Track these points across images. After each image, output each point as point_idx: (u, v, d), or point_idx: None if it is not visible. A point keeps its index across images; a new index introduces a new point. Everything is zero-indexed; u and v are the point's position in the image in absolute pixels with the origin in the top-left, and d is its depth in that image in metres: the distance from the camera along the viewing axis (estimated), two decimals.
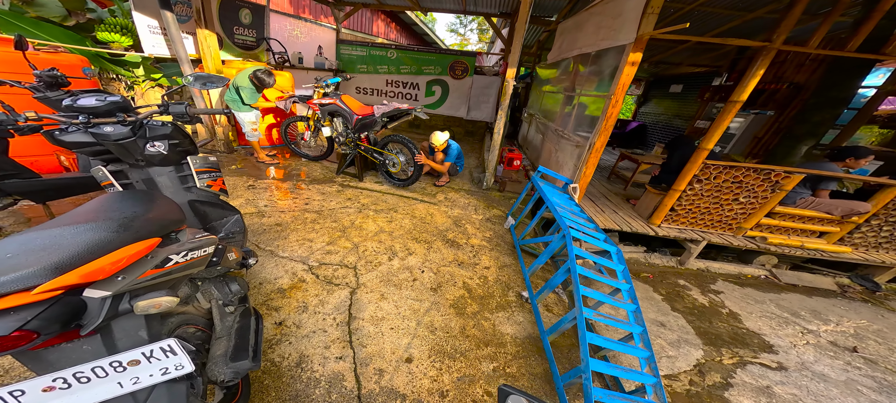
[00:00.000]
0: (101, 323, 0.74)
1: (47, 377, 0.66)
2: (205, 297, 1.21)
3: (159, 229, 0.94)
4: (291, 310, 1.86)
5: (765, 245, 3.35)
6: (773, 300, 3.03)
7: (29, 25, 3.06)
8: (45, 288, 0.63)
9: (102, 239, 0.76)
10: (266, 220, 2.77)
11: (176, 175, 1.41)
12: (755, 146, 5.21)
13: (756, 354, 2.27)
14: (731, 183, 3.02)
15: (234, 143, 4.29)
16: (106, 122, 1.15)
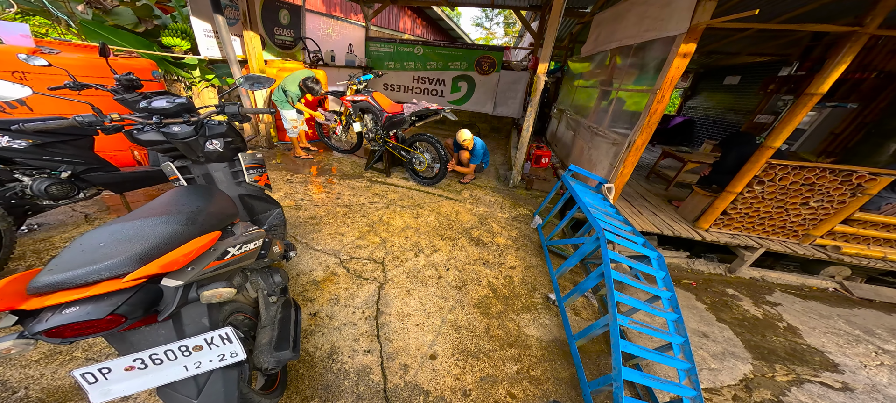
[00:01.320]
0: (174, 310, 0.84)
1: (129, 357, 0.77)
2: (252, 287, 1.33)
3: (219, 223, 1.05)
4: (324, 302, 1.98)
5: (837, 256, 2.99)
6: (842, 315, 2.72)
7: (108, 33, 3.51)
8: (133, 277, 0.72)
9: (175, 232, 0.87)
10: (302, 213, 2.96)
11: (229, 171, 1.57)
12: (831, 144, 4.62)
13: (817, 372, 2.08)
14: (800, 185, 2.72)
15: (274, 139, 4.63)
16: (174, 122, 1.31)
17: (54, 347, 1.50)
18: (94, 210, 2.62)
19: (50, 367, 1.42)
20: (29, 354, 1.47)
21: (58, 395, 1.32)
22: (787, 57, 5.39)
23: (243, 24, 3.81)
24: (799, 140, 5.13)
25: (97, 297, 0.70)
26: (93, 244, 0.78)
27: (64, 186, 1.94)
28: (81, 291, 0.68)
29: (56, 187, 1.90)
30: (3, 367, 1.40)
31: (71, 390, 1.35)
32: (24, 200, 1.87)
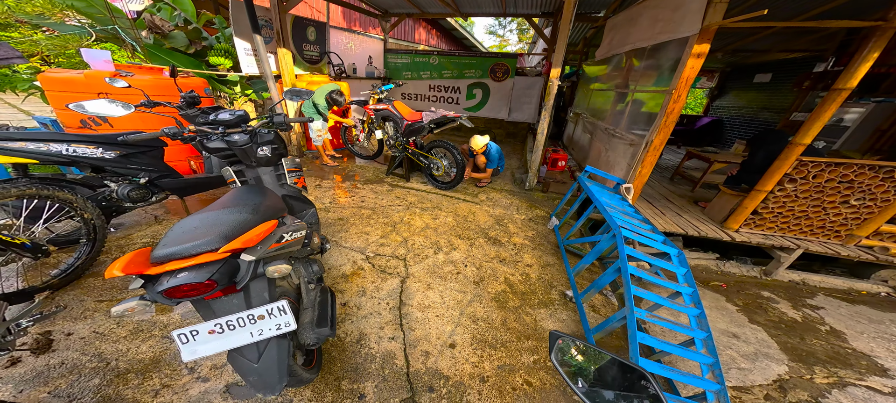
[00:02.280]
0: (247, 282, 1.03)
1: (211, 322, 0.98)
2: (295, 274, 1.52)
3: (274, 214, 1.27)
4: (353, 294, 2.15)
5: (886, 257, 2.81)
6: (895, 320, 2.54)
7: (166, 55, 4.01)
8: (225, 250, 0.93)
9: (245, 219, 1.09)
10: (330, 215, 3.20)
11: (274, 174, 1.82)
12: (878, 140, 4.38)
13: (862, 376, 1.97)
14: (837, 183, 2.62)
15: (303, 147, 5.01)
16: (235, 131, 1.56)
17: (137, 326, 1.78)
18: (160, 213, 2.98)
19: (133, 343, 1.68)
20: (122, 331, 1.75)
21: (140, 367, 1.57)
22: (821, 53, 5.20)
23: (277, 42, 4.19)
24: (842, 138, 4.87)
25: (199, 265, 0.90)
26: (189, 228, 0.99)
27: (141, 190, 2.29)
28: (188, 261, 0.89)
29: (136, 192, 2.25)
30: (100, 343, 1.67)
31: (149, 362, 1.59)
32: (112, 202, 2.22)
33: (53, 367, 1.52)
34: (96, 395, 1.42)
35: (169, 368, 1.56)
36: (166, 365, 1.57)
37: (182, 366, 1.57)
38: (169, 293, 0.87)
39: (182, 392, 1.46)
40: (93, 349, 1.63)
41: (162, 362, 1.59)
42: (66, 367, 1.53)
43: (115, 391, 1.45)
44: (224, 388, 1.48)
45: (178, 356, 1.61)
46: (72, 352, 1.60)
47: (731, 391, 1.77)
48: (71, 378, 1.48)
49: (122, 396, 1.43)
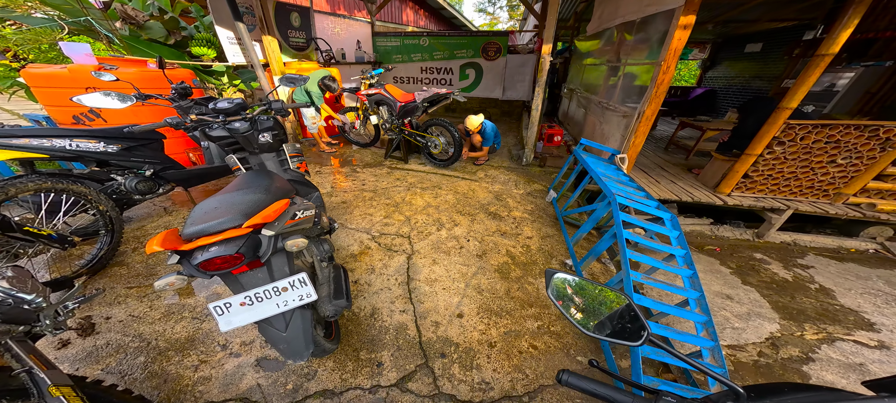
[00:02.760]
0: (269, 256, 1.11)
1: (241, 295, 1.07)
2: (308, 254, 1.61)
3: (285, 194, 1.35)
4: (362, 272, 2.26)
5: (873, 213, 2.94)
6: (882, 276, 2.70)
7: (145, 46, 3.92)
8: (249, 224, 1.02)
9: (260, 199, 1.16)
10: (333, 199, 3.29)
11: (277, 160, 1.89)
12: (867, 103, 4.50)
13: (850, 331, 2.09)
14: (824, 143, 2.72)
15: (299, 136, 5.01)
16: (235, 119, 1.61)
17: (169, 309, 1.91)
18: (168, 204, 3.07)
19: (168, 325, 1.81)
20: (155, 314, 1.88)
21: (177, 345, 1.70)
22: (810, 21, 5.24)
23: (260, 29, 4.12)
24: (832, 102, 4.98)
25: (226, 240, 0.99)
26: (210, 209, 1.06)
27: (148, 182, 2.38)
28: (215, 237, 0.98)
29: (143, 184, 2.34)
30: (138, 325, 1.80)
31: (186, 341, 1.72)
32: (122, 195, 2.30)
33: (101, 347, 1.65)
34: (144, 371, 1.56)
35: (203, 346, 1.68)
36: (200, 343, 1.69)
37: (215, 344, 1.69)
38: (203, 265, 0.96)
39: (218, 367, 1.58)
40: (132, 330, 1.76)
41: (196, 340, 1.71)
42: (112, 347, 1.66)
43: (159, 367, 1.58)
44: (255, 362, 1.60)
45: (217, 327, 1.75)
46: (114, 334, 1.73)
47: (725, 349, 1.89)
48: (119, 357, 1.61)
49: (166, 372, 1.56)
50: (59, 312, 1.00)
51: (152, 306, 1.91)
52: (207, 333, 1.74)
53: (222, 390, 1.47)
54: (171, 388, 1.49)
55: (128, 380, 1.51)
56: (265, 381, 1.51)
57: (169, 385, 1.50)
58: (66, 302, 1.02)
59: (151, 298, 1.95)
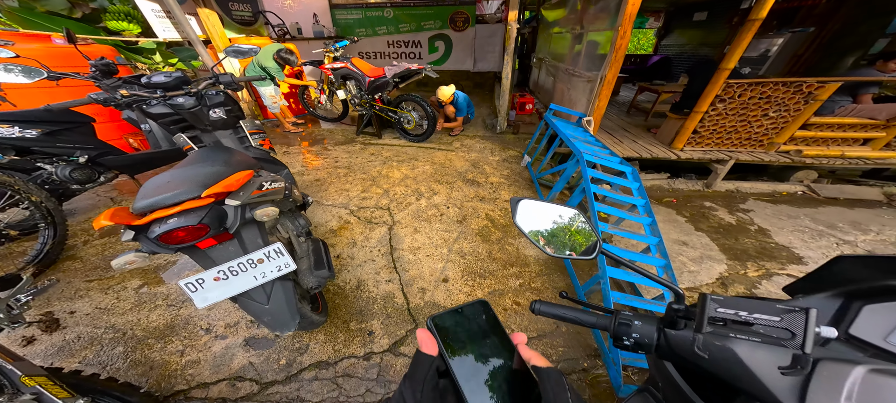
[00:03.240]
0: (238, 227, 1.08)
1: (214, 270, 1.05)
2: (283, 229, 1.58)
3: (247, 167, 1.29)
4: (344, 246, 2.27)
5: (800, 159, 3.37)
6: (808, 214, 3.10)
7: (41, 19, 3.36)
8: (208, 193, 0.97)
9: (218, 170, 1.11)
10: (306, 177, 3.22)
11: (235, 137, 1.79)
12: (795, 65, 5.06)
13: (784, 266, 2.37)
14: (758, 100, 3.04)
15: (259, 117, 4.67)
16: (177, 94, 1.49)
17: (140, 298, 1.83)
18: (115, 194, 2.86)
19: (141, 314, 1.75)
20: (125, 304, 1.79)
21: (156, 333, 1.65)
22: None
23: (195, 1, 3.72)
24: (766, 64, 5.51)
25: (186, 212, 0.94)
26: (161, 183, 1.00)
27: (85, 170, 2.16)
28: (173, 209, 0.93)
29: (78, 172, 2.13)
30: (108, 317, 1.72)
31: (165, 328, 1.67)
32: (56, 185, 2.09)
33: (71, 341, 1.58)
34: (126, 360, 1.51)
35: (185, 331, 1.65)
36: (181, 329, 1.66)
37: (198, 328, 1.66)
38: (164, 239, 0.91)
39: (205, 350, 1.56)
40: (103, 322, 1.68)
41: (176, 326, 1.67)
42: (85, 340, 1.59)
43: (142, 355, 1.54)
44: (244, 342, 1.60)
45: (197, 311, 1.71)
46: (83, 327, 1.65)
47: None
48: (94, 348, 1.56)
49: (150, 359, 1.52)
50: (12, 305, 0.95)
51: (120, 297, 1.82)
52: (187, 318, 1.70)
53: (214, 371, 1.47)
54: (159, 374, 1.46)
55: (110, 370, 1.46)
56: (257, 359, 1.53)
57: (156, 371, 1.48)
58: (18, 295, 0.97)
59: (117, 289, 1.86)
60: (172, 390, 1.41)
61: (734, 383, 0.41)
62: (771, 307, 0.40)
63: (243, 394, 1.40)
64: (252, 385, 1.43)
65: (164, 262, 2.05)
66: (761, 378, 0.38)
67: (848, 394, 0.33)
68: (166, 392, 1.39)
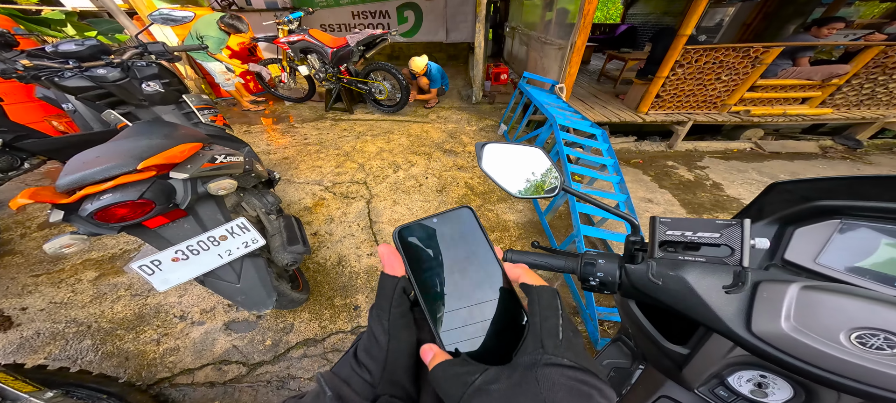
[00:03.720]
0: (190, 202, 1.00)
1: (170, 250, 0.97)
2: (250, 207, 1.51)
3: (195, 140, 1.18)
4: (321, 223, 2.22)
5: (748, 118, 3.67)
6: (755, 168, 3.43)
7: None
8: (145, 166, 0.88)
9: (156, 143, 1.00)
10: (273, 156, 3.08)
11: (180, 113, 1.62)
12: (744, 33, 5.46)
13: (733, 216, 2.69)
14: (712, 64, 3.24)
15: (211, 96, 4.25)
16: (97, 65, 1.33)
17: (99, 291, 1.71)
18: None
19: (104, 306, 1.65)
20: (83, 297, 1.67)
21: (125, 324, 1.57)
22: None
23: None
24: (719, 33, 5.91)
25: (121, 186, 0.86)
26: (88, 158, 0.89)
27: (3, 157, 1.98)
28: (104, 185, 0.84)
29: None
30: (67, 311, 1.61)
31: (134, 318, 1.59)
32: None
33: (30, 338, 1.49)
34: (97, 353, 1.44)
35: (157, 320, 1.57)
36: (153, 318, 1.58)
37: (171, 316, 1.59)
38: (101, 217, 0.84)
39: (183, 337, 1.51)
40: (62, 316, 1.58)
41: (146, 316, 1.59)
42: (45, 335, 1.50)
43: (113, 346, 1.47)
44: (224, 326, 1.56)
45: (169, 299, 1.64)
46: (40, 323, 1.55)
47: None
48: (59, 343, 1.47)
49: (123, 350, 1.45)
50: None
51: (75, 289, 1.71)
52: (157, 307, 1.62)
53: (196, 357, 1.43)
54: (137, 364, 1.41)
55: (82, 363, 1.39)
56: (241, 342, 1.50)
57: (133, 361, 1.42)
58: None
59: (71, 282, 1.73)
60: (155, 378, 1.36)
61: (689, 313, 0.42)
62: (712, 225, 0.42)
63: (232, 377, 1.38)
64: (239, 367, 1.41)
65: (119, 251, 1.91)
66: (711, 304, 0.39)
67: (786, 312, 0.35)
68: (149, 381, 1.35)
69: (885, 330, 0.31)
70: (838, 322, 0.33)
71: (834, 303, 0.34)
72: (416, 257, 0.30)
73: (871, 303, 0.32)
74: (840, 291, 0.34)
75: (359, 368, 0.27)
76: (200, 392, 1.34)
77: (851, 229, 0.41)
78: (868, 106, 3.80)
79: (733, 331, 0.38)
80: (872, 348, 0.32)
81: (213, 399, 1.32)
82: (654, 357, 0.57)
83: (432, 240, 0.31)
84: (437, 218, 0.32)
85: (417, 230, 0.31)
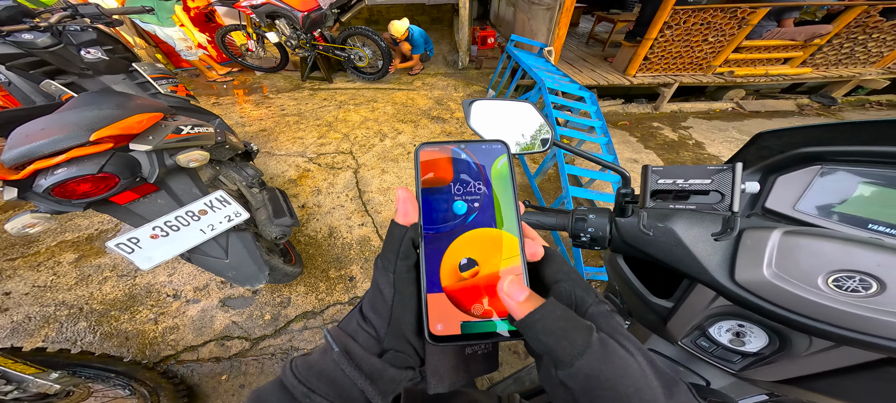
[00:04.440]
0: (160, 175, 0.96)
1: (147, 226, 0.94)
2: (229, 180, 1.46)
3: (152, 110, 1.08)
4: (308, 195, 2.20)
5: (732, 79, 3.75)
6: (735, 127, 3.55)
7: None
8: (97, 137, 0.82)
9: (110, 113, 0.93)
10: (248, 128, 2.96)
11: (133, 83, 1.49)
12: None
13: None
14: (700, 25, 3.25)
15: (168, 66, 3.92)
16: (19, 29, 1.22)
17: (82, 273, 1.67)
18: None
19: (91, 288, 1.63)
20: (68, 280, 1.64)
21: (118, 305, 1.57)
22: None
23: None
24: None
25: (78, 160, 0.81)
26: (34, 130, 0.83)
27: None
28: (56, 158, 0.79)
29: None
30: (54, 294, 1.59)
31: (126, 298, 1.59)
32: None
33: (20, 322, 1.48)
34: (95, 334, 1.44)
35: (149, 299, 1.57)
36: (145, 297, 1.58)
37: (164, 295, 1.59)
38: (60, 192, 0.80)
39: (180, 316, 1.52)
40: (50, 299, 1.56)
41: (137, 296, 1.59)
42: (37, 319, 1.49)
43: (111, 327, 1.47)
44: (220, 303, 1.57)
45: (161, 278, 1.63)
46: (28, 307, 1.53)
47: None
48: (53, 326, 1.46)
49: (122, 330, 1.46)
50: None
51: (57, 272, 1.67)
52: (147, 286, 1.62)
53: (197, 334, 1.46)
54: (139, 343, 1.42)
55: (82, 345, 1.40)
56: (239, 318, 1.52)
57: (134, 341, 1.43)
58: None
59: (50, 264, 1.69)
60: (159, 356, 1.38)
61: (676, 265, 0.43)
62: (703, 171, 0.42)
63: (236, 352, 1.42)
64: (242, 342, 1.45)
65: (96, 232, 1.86)
66: (697, 255, 0.41)
67: (768, 259, 0.36)
68: (154, 359, 1.37)
69: (860, 272, 0.32)
70: (817, 266, 0.34)
71: (813, 247, 0.35)
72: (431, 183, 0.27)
73: (848, 245, 0.33)
74: (819, 234, 0.35)
75: (365, 323, 0.27)
76: (207, 367, 1.38)
77: (831, 173, 0.42)
78: (846, 65, 3.94)
79: (717, 281, 0.40)
80: (848, 290, 0.33)
81: (222, 374, 1.36)
82: (639, 313, 0.59)
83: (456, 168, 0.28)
84: (467, 146, 0.29)
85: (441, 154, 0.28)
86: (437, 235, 0.26)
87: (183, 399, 1.18)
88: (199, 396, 1.30)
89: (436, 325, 0.25)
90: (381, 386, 0.25)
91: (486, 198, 0.27)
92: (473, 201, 0.27)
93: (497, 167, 0.28)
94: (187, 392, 1.22)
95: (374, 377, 0.25)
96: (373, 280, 0.27)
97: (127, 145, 0.91)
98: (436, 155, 0.28)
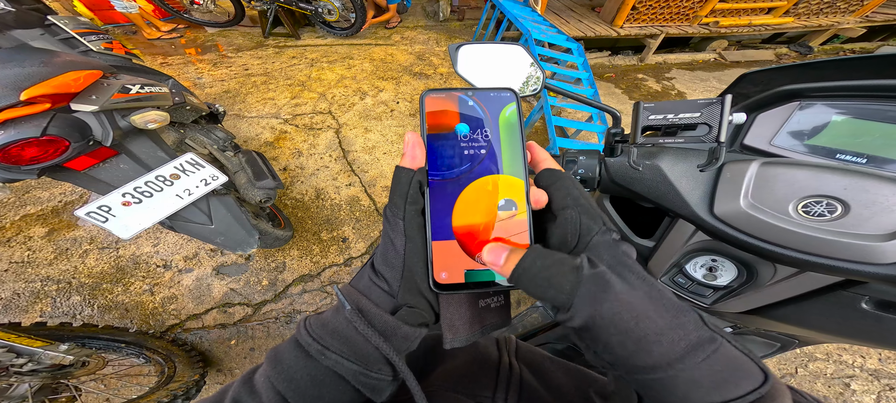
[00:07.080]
0: (116, 139, 0.94)
1: (117, 192, 0.93)
2: (196, 143, 1.41)
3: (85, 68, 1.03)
4: (289, 157, 2.19)
5: (717, 29, 3.86)
6: (716, 77, 3.74)
7: None
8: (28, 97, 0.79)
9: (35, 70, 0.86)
10: (210, 90, 2.80)
11: (55, 39, 1.34)
12: None
13: None
14: None
15: (94, 20, 3.47)
16: None
17: (58, 247, 1.65)
18: None
19: (74, 262, 1.62)
20: (46, 254, 1.62)
21: (107, 278, 1.58)
22: None
23: None
24: None
25: (14, 122, 0.78)
26: None
27: None
28: None
29: None
30: (35, 269, 1.58)
31: (115, 270, 1.60)
32: None
33: (12, 299, 1.48)
34: (93, 307, 1.47)
35: (140, 271, 1.60)
36: (135, 269, 1.60)
37: (154, 266, 1.61)
38: (3, 158, 0.78)
39: (176, 286, 1.56)
40: (33, 275, 1.56)
41: (126, 268, 1.60)
42: (28, 295, 1.49)
43: (107, 300, 1.50)
44: (214, 271, 1.62)
45: (148, 249, 1.65)
46: (14, 284, 1.53)
47: None
48: (47, 301, 1.48)
49: (119, 302, 1.49)
50: None
51: (31, 248, 1.65)
52: (134, 258, 1.64)
53: (197, 303, 1.51)
54: (140, 314, 1.47)
55: (82, 318, 1.43)
56: (237, 285, 1.58)
57: (134, 312, 1.47)
58: None
59: (20, 239, 1.66)
60: (164, 326, 1.44)
61: (660, 201, 0.47)
62: (693, 105, 0.43)
63: (239, 318, 1.49)
64: (244, 308, 1.52)
65: (60, 203, 1.81)
66: (681, 190, 0.45)
67: (745, 189, 0.40)
68: (160, 329, 1.43)
69: (827, 196, 0.36)
70: (789, 193, 0.38)
71: (786, 176, 0.38)
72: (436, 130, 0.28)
73: (819, 171, 0.37)
74: (792, 163, 0.39)
75: (377, 278, 0.27)
76: (214, 333, 1.45)
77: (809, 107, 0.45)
78: (826, 14, 4.12)
79: (697, 214, 0.44)
80: (815, 215, 0.36)
81: (230, 339, 1.44)
82: None
83: (463, 115, 0.28)
84: (475, 93, 0.29)
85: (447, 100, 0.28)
86: (442, 181, 0.27)
87: (197, 364, 1.26)
88: (213, 361, 1.39)
89: (440, 273, 0.26)
90: (394, 343, 0.25)
91: (492, 146, 0.28)
92: (480, 149, 0.28)
93: (505, 115, 0.29)
94: (201, 357, 1.30)
95: (387, 334, 0.25)
96: (383, 232, 0.27)
97: (68, 106, 0.87)
98: (442, 102, 0.28)
